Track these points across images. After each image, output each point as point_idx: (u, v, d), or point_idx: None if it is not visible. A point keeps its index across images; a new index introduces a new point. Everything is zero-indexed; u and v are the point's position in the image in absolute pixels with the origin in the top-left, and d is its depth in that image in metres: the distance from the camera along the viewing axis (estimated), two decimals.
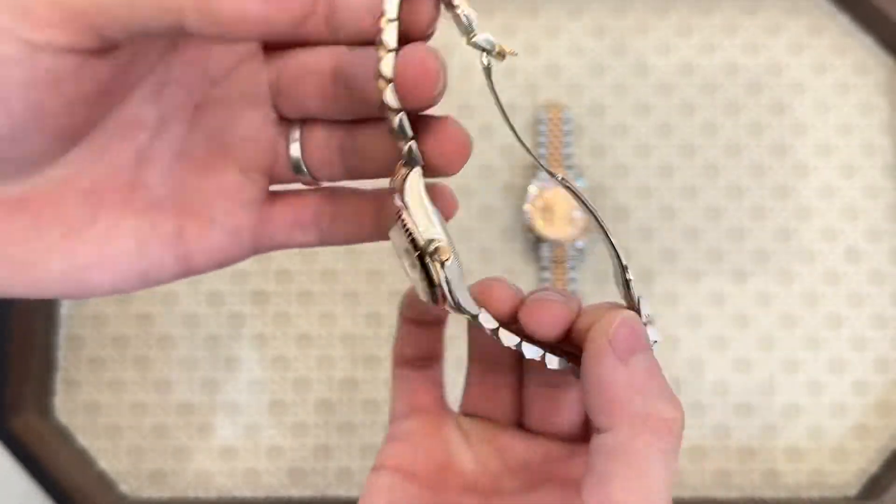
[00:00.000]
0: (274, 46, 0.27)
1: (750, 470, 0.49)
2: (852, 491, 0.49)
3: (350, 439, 0.50)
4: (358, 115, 0.26)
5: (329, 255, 0.51)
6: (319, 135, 0.27)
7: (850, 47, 0.53)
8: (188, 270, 0.26)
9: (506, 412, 0.29)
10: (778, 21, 0.53)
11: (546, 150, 0.51)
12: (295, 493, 0.49)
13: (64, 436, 0.49)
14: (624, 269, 0.26)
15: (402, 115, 0.23)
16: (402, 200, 0.23)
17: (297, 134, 0.27)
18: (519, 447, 0.29)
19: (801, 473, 0.49)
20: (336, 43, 0.26)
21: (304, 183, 0.28)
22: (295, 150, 0.27)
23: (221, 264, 0.27)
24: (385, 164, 0.26)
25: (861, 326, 0.50)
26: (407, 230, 0.23)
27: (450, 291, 0.23)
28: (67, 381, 0.50)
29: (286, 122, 0.27)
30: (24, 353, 0.48)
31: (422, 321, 0.29)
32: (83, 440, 0.50)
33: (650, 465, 0.22)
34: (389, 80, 0.22)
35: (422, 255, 0.23)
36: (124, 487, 0.49)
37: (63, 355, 0.50)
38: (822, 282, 0.51)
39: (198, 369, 0.50)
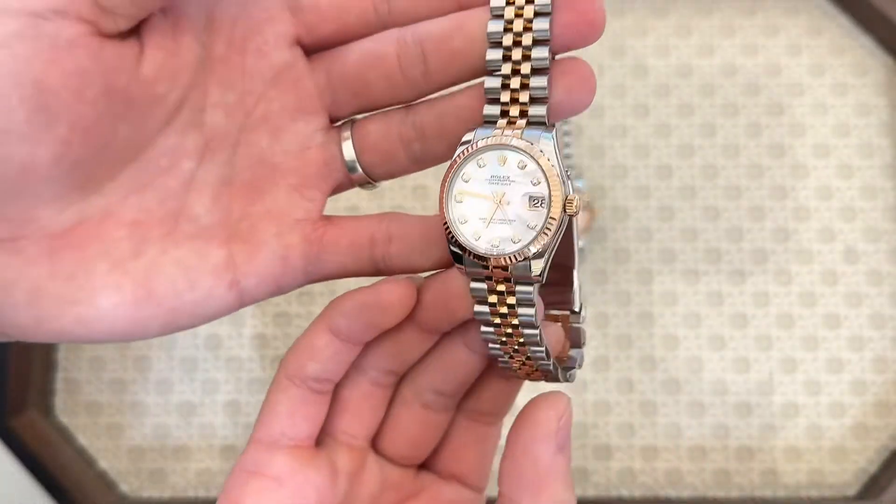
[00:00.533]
0: (315, 48, 0.26)
1: (749, 470, 0.49)
2: (851, 490, 0.49)
3: None
4: (430, 91, 0.26)
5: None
6: (374, 129, 0.26)
7: (849, 48, 0.53)
8: (241, 300, 0.25)
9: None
10: (777, 22, 0.53)
11: None
12: None
13: (64, 435, 0.49)
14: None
15: (546, 49, 0.23)
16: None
17: (347, 133, 0.26)
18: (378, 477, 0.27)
19: (800, 473, 0.49)
20: (383, 29, 0.25)
21: (363, 185, 0.27)
22: (348, 149, 0.26)
23: (275, 291, 0.26)
24: (454, 140, 0.25)
25: (860, 326, 0.50)
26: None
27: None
28: (68, 381, 0.50)
29: (335, 127, 0.26)
30: (25, 353, 0.48)
31: (355, 339, 0.26)
32: (83, 440, 0.50)
33: None
34: (545, 14, 0.23)
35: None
36: (124, 487, 0.49)
37: (64, 355, 0.50)
38: (820, 282, 0.51)
39: (198, 369, 0.50)
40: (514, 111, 0.24)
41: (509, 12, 0.24)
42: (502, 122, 0.24)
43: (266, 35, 0.25)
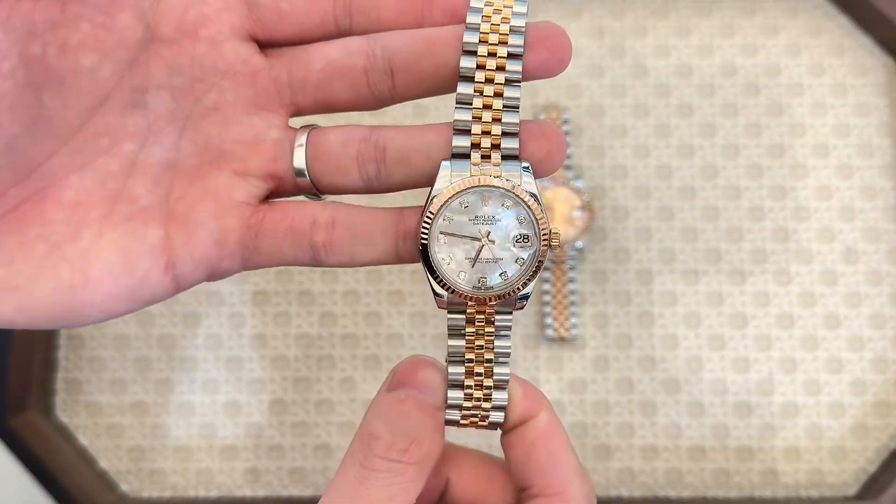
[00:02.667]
0: (271, 44, 0.26)
1: (749, 469, 0.49)
2: (851, 490, 0.49)
3: (350, 438, 0.50)
4: (395, 103, 0.26)
5: None
6: (333, 139, 0.25)
7: (849, 48, 0.53)
8: (177, 284, 0.25)
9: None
10: (776, 22, 0.53)
11: None
12: (295, 492, 0.49)
13: (65, 435, 0.49)
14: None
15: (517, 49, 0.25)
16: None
17: (303, 139, 0.26)
18: None
19: (799, 473, 0.49)
20: (345, 34, 0.25)
21: (308, 194, 0.26)
22: (299, 155, 0.25)
23: (210, 275, 0.25)
24: (414, 174, 0.25)
25: (860, 326, 0.50)
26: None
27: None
28: (68, 381, 0.50)
29: (293, 129, 0.26)
30: (25, 353, 0.48)
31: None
32: (84, 440, 0.50)
33: None
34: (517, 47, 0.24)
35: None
36: (125, 487, 0.49)
37: (64, 355, 0.51)
38: (820, 282, 0.51)
39: (198, 369, 0.50)
40: (486, 143, 0.24)
41: (482, 50, 0.24)
42: (476, 156, 0.24)
43: (219, 25, 0.25)
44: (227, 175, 0.25)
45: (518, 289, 0.24)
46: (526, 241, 0.24)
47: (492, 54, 0.24)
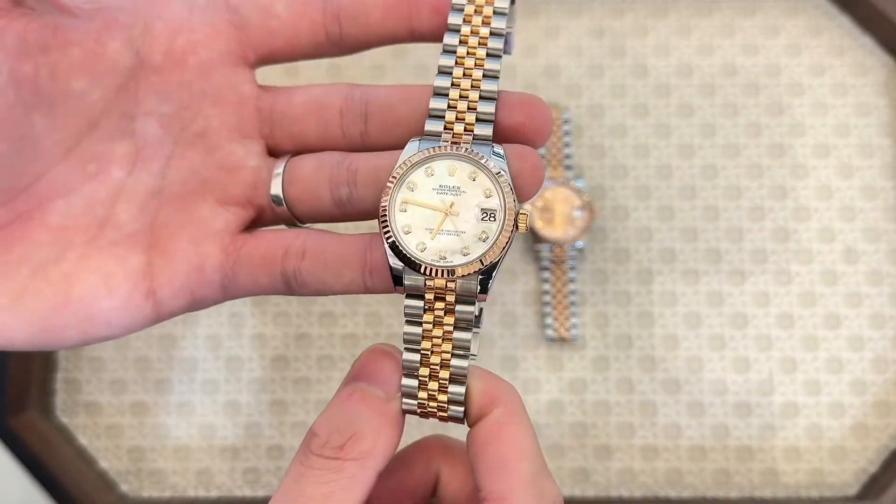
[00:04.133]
0: (263, 62, 0.26)
1: (749, 470, 0.49)
2: (851, 490, 0.49)
3: None
4: (364, 150, 0.25)
5: None
6: (307, 164, 0.26)
7: (849, 48, 0.53)
8: (158, 312, 0.25)
9: None
10: (776, 22, 0.53)
11: (545, 150, 0.51)
12: None
13: (64, 435, 0.49)
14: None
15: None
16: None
17: (280, 168, 0.26)
18: None
19: (800, 473, 0.49)
20: (336, 44, 0.26)
21: (287, 221, 0.26)
22: (276, 184, 0.25)
23: (191, 305, 0.25)
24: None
25: (860, 326, 0.50)
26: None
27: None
28: (68, 381, 0.50)
29: (272, 157, 0.26)
30: (25, 353, 0.48)
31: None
32: (83, 440, 0.50)
33: None
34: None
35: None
36: (124, 487, 0.49)
37: (64, 355, 0.50)
38: (820, 282, 0.51)
39: (198, 369, 0.50)
40: (459, 129, 0.24)
41: (454, 93, 0.24)
42: (447, 136, 0.24)
43: (209, 51, 0.25)
44: (209, 204, 0.25)
45: (478, 267, 0.22)
46: (492, 218, 0.23)
47: (463, 97, 0.24)
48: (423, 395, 0.24)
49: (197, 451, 0.50)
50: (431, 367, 0.24)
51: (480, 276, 0.23)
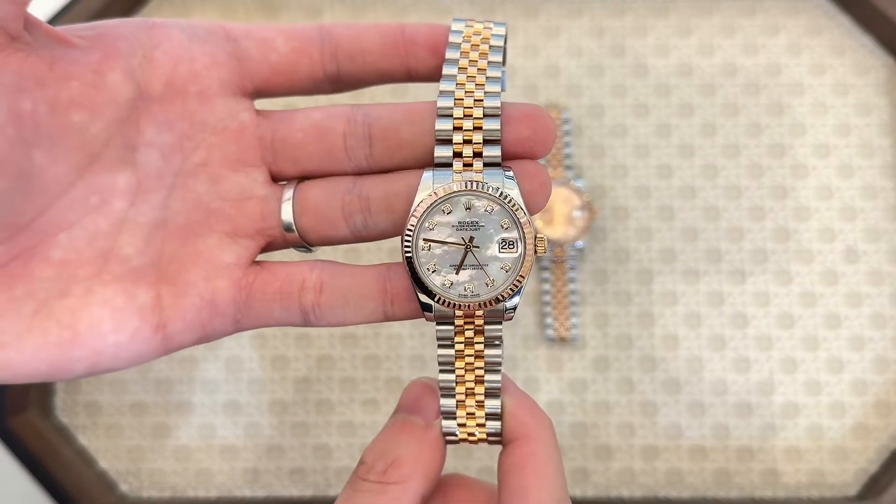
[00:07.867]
0: (262, 95, 0.26)
1: (749, 470, 0.49)
2: (852, 491, 0.49)
3: (350, 439, 0.50)
4: (371, 172, 0.26)
5: (330, 256, 0.51)
6: (316, 193, 0.26)
7: (850, 47, 0.53)
8: (167, 345, 0.25)
9: None
10: (777, 21, 0.53)
11: None
12: (295, 492, 0.49)
13: (64, 435, 0.49)
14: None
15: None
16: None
17: (289, 194, 0.26)
18: None
19: (800, 473, 0.49)
20: (333, 81, 0.26)
21: (298, 247, 0.27)
22: (287, 210, 0.26)
23: (201, 338, 0.25)
24: (399, 219, 0.25)
25: (860, 326, 0.50)
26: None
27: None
28: (68, 381, 0.50)
29: (280, 184, 0.26)
30: None
31: None
32: (84, 440, 0.50)
33: None
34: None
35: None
36: (124, 487, 0.49)
37: None
38: (820, 282, 0.51)
39: (198, 369, 0.50)
40: (469, 152, 0.24)
41: (458, 112, 0.24)
42: (458, 164, 0.24)
43: (209, 81, 0.25)
44: (217, 237, 0.25)
45: (504, 295, 0.24)
46: (511, 246, 0.24)
47: (468, 115, 0.24)
48: (461, 412, 0.25)
49: (197, 451, 0.50)
50: (467, 384, 0.25)
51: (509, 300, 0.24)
